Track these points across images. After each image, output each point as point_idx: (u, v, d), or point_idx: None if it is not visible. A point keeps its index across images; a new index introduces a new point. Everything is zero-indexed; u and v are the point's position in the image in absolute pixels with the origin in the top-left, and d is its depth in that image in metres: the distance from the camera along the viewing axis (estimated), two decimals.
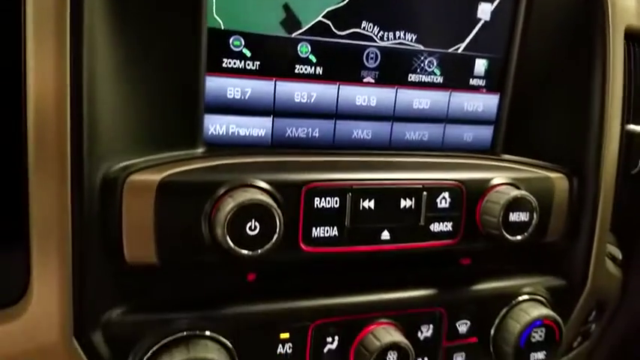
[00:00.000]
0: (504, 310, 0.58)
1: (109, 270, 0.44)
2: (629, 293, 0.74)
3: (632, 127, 0.67)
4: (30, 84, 0.39)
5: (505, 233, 0.53)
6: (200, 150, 0.49)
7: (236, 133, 0.51)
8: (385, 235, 0.51)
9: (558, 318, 0.58)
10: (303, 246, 0.48)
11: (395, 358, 0.51)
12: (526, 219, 0.54)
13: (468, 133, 0.60)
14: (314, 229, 0.48)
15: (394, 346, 0.50)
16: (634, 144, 0.67)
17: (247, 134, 0.51)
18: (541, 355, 0.58)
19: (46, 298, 0.42)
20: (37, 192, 0.41)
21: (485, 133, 0.61)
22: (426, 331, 0.55)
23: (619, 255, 0.69)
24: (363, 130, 0.55)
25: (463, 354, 0.57)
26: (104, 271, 0.44)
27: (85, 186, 0.42)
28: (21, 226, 0.41)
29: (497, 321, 0.58)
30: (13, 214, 0.41)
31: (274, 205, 0.44)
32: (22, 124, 0.40)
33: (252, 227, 0.43)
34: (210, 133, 0.50)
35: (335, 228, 0.49)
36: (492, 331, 0.58)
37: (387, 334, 0.51)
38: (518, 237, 0.53)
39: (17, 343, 0.42)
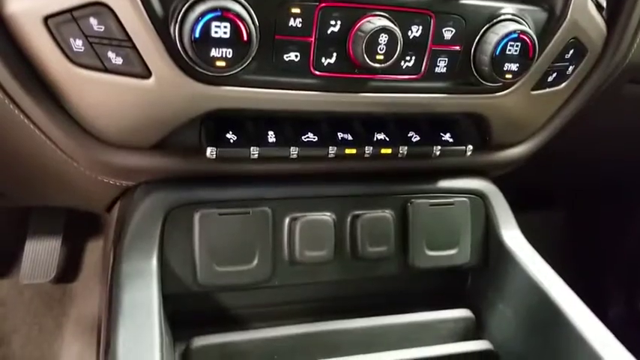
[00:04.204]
0: (487, 25, 0.68)
1: None
2: (609, 49, 0.83)
3: None
4: None
5: None
6: None
7: None
8: None
9: (534, 35, 0.67)
10: None
11: (385, 40, 0.62)
12: None
13: None
14: None
15: (385, 30, 0.61)
16: None
17: None
18: (514, 67, 0.68)
19: None
20: None
21: None
22: (415, 31, 0.66)
23: (603, 3, 0.76)
24: None
25: (447, 58, 0.68)
26: None
27: None
28: None
29: (479, 33, 0.68)
30: None
31: None
32: None
33: None
34: None
35: None
36: (475, 42, 0.68)
37: (381, 21, 0.62)
38: None
39: None
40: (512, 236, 0.84)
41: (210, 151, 0.67)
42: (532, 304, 0.77)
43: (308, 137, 0.72)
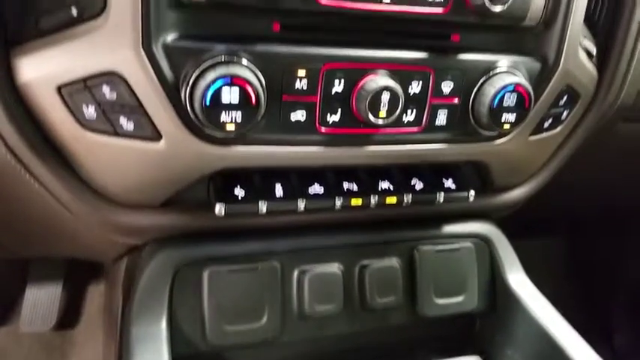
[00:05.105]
0: (484, 78, 0.70)
1: (167, 1, 0.57)
2: (601, 92, 0.86)
3: None
4: None
5: (486, 1, 0.63)
6: None
7: None
8: None
9: (529, 87, 0.69)
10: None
11: (387, 98, 0.64)
12: None
13: None
14: None
15: (388, 88, 0.64)
16: None
17: None
18: (512, 117, 0.71)
19: (121, 13, 0.55)
20: None
21: None
22: (416, 87, 0.68)
23: (593, 51, 0.79)
24: None
25: (446, 111, 0.70)
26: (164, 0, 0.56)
27: None
28: None
29: (477, 86, 0.70)
30: None
31: None
32: None
33: None
34: None
35: None
36: (472, 94, 0.70)
37: (383, 80, 0.64)
38: (499, 7, 0.64)
39: (101, 51, 0.56)
40: (518, 280, 0.85)
41: (219, 208, 0.68)
42: (540, 349, 0.77)
43: (314, 189, 0.73)
